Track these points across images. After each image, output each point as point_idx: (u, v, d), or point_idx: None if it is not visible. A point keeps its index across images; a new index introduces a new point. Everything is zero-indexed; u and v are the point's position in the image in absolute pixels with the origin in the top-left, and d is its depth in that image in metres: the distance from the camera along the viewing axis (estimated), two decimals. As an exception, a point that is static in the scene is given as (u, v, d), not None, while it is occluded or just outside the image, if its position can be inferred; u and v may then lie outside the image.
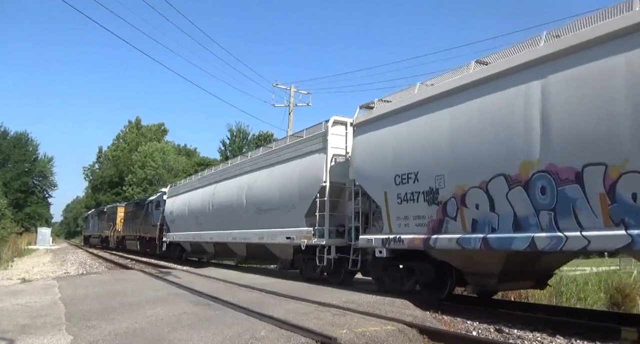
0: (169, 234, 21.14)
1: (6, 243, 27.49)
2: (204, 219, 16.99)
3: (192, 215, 18.24)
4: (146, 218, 26.00)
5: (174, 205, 20.85)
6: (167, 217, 21.43)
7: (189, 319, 5.85)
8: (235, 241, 14.26)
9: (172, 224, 20.91)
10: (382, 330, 5.27)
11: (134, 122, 62.98)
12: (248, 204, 13.36)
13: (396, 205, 8.10)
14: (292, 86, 25.48)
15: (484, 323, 6.49)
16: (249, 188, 13.52)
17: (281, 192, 11.70)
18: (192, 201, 18.57)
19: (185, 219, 19.06)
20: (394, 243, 8.11)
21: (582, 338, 5.55)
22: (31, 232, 49.31)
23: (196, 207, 17.93)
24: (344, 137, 10.48)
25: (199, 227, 17.41)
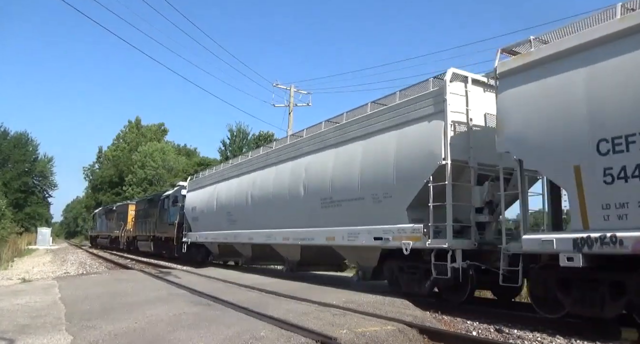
0: (191, 234, 18.16)
1: (6, 243, 27.47)
2: (240, 215, 14.03)
3: (221, 211, 15.30)
4: (161, 216, 23.03)
5: (196, 200, 17.84)
6: (188, 214, 18.49)
7: (189, 319, 5.85)
8: (288, 242, 11.29)
9: (194, 222, 17.96)
10: (382, 330, 5.27)
11: (134, 122, 62.98)
12: (308, 195, 10.59)
13: (601, 186, 5.40)
14: (292, 86, 25.49)
15: (484, 323, 6.48)
16: (309, 174, 10.68)
17: (365, 177, 8.88)
18: (222, 194, 15.57)
19: (212, 215, 16.08)
20: (601, 245, 5.30)
21: (582, 338, 5.55)
22: (31, 232, 49.29)
23: (228, 201, 14.95)
24: (463, 98, 7.80)
25: (231, 226, 14.56)
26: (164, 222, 22.43)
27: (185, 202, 19.00)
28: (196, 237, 17.55)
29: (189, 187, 19.48)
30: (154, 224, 24.17)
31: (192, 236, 17.97)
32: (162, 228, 22.52)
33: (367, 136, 9.20)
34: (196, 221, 17.76)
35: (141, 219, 27.61)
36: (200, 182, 18.35)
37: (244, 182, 14.06)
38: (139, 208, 29.39)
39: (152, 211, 25.30)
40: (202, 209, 17.06)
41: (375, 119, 9.13)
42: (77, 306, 6.95)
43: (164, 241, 22.20)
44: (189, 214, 18.43)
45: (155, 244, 23.96)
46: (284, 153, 12.34)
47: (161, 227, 22.81)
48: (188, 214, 18.52)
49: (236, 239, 14.19)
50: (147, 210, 26.76)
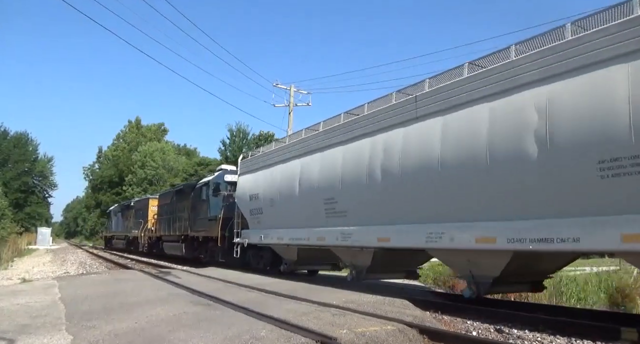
0: (249, 232, 13.33)
1: (6, 243, 27.46)
2: (353, 204, 9.23)
3: (313, 197, 10.28)
4: (197, 210, 18.05)
5: (258, 185, 12.85)
6: (243, 205, 13.74)
7: (189, 319, 5.85)
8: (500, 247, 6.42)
9: (255, 216, 13.08)
10: (382, 330, 5.27)
11: (134, 122, 62.99)
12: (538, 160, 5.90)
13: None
14: (292, 86, 25.47)
15: (484, 323, 6.48)
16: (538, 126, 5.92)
17: None
18: (312, 172, 10.43)
19: (291, 205, 11.21)
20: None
21: (582, 338, 5.55)
22: (31, 232, 49.32)
23: (330, 182, 9.78)
24: None
25: (331, 219, 9.77)
26: (201, 217, 17.47)
27: (238, 189, 14.19)
28: (260, 238, 12.56)
29: (243, 168, 14.23)
30: (186, 220, 19.18)
31: (252, 236, 13.05)
32: (200, 225, 17.47)
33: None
34: (258, 215, 12.80)
35: (166, 216, 22.68)
36: (264, 160, 13.02)
37: (364, 149, 8.91)
38: (163, 202, 24.28)
39: (181, 205, 20.37)
40: (272, 198, 11.99)
41: None
42: (77, 306, 6.95)
43: (202, 242, 17.42)
44: (244, 206, 13.66)
45: (189, 246, 18.95)
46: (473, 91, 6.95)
47: (198, 224, 17.73)
48: (243, 206, 13.74)
49: (345, 241, 9.33)
50: (174, 204, 21.58)
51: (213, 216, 16.10)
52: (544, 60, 6.05)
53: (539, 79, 6.06)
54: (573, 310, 8.29)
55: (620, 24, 5.34)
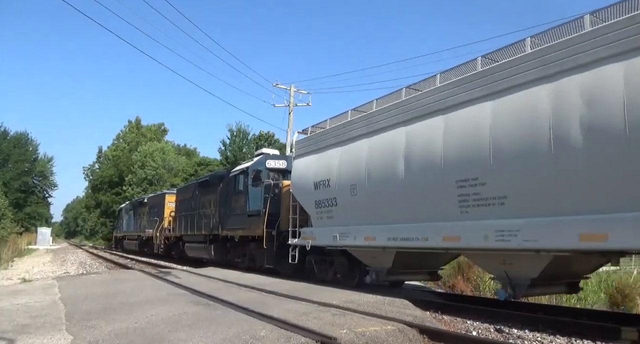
0: (312, 230, 10.58)
1: (6, 243, 27.46)
2: (519, 185, 6.28)
3: (430, 179, 7.49)
4: (229, 204, 14.92)
5: (327, 169, 10.03)
6: (302, 196, 10.90)
7: (189, 319, 5.85)
8: None
9: (321, 209, 10.18)
10: (382, 330, 5.27)
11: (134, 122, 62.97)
12: None
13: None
14: (292, 86, 25.47)
15: (484, 323, 6.49)
16: None
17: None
18: (429, 144, 7.61)
19: (387, 193, 8.40)
20: None
21: (582, 338, 5.55)
22: (31, 232, 49.34)
23: (465, 155, 6.97)
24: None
25: (473, 210, 6.87)
26: (236, 213, 14.33)
27: (295, 176, 11.27)
28: (332, 238, 9.61)
29: (302, 148, 11.30)
30: (214, 217, 16.28)
31: (320, 235, 10.20)
32: (234, 223, 14.39)
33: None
34: (329, 208, 9.94)
35: (187, 212, 19.44)
36: (336, 136, 10.06)
37: (539, 100, 6.10)
38: (181, 198, 21.22)
39: (206, 199, 17.47)
40: (354, 184, 9.12)
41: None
42: (77, 306, 6.95)
43: (238, 244, 14.36)
44: (304, 197, 10.80)
45: (219, 248, 15.76)
46: None
47: (232, 222, 14.59)
48: (303, 197, 10.87)
49: (503, 240, 6.39)
50: (197, 198, 18.60)
51: (254, 211, 13.01)
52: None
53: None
54: (573, 310, 8.30)
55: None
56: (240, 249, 14.43)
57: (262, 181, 13.23)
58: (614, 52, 5.43)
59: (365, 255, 9.35)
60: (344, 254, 9.84)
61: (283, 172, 13.60)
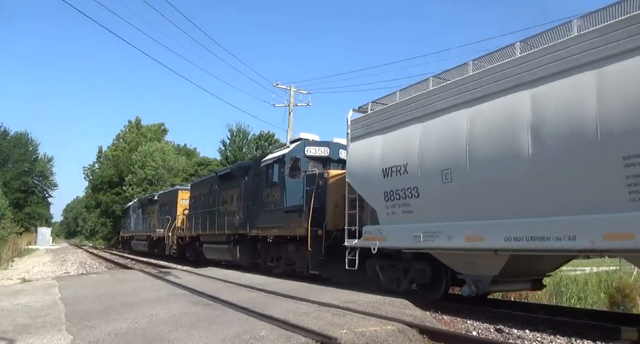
0: (379, 229, 8.61)
1: (6, 243, 27.46)
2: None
3: (577, 157, 5.64)
4: (259, 198, 13.02)
5: (403, 151, 8.12)
6: (364, 187, 9.01)
7: (189, 319, 5.85)
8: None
9: (394, 201, 8.22)
10: (382, 330, 5.27)
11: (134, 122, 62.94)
12: None
13: None
14: (292, 86, 25.45)
15: (484, 323, 6.49)
16: None
17: None
18: (571, 113, 5.75)
19: (505, 177, 6.42)
20: None
21: (582, 338, 5.55)
22: (31, 232, 49.38)
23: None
24: None
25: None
26: (268, 209, 12.40)
27: (351, 163, 9.34)
28: (414, 238, 7.74)
29: (361, 128, 9.35)
30: (238, 214, 14.39)
31: (393, 235, 8.27)
32: (267, 220, 12.42)
33: None
34: (406, 200, 7.98)
35: (204, 209, 17.46)
36: (415, 108, 8.16)
37: None
38: (197, 193, 19.22)
39: (228, 194, 15.56)
40: (447, 168, 7.21)
41: None
42: (77, 306, 6.95)
43: (273, 245, 12.50)
44: (367, 187, 8.89)
45: (247, 249, 13.88)
46: None
47: (263, 219, 12.62)
48: (365, 188, 8.97)
49: None
50: (216, 194, 16.62)
51: (293, 207, 11.18)
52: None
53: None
54: (573, 310, 8.30)
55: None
56: (274, 251, 12.55)
57: (301, 171, 11.54)
58: None
59: (459, 260, 7.36)
60: (425, 258, 7.91)
61: (324, 161, 11.93)
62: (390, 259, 8.78)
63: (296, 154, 11.88)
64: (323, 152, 12.00)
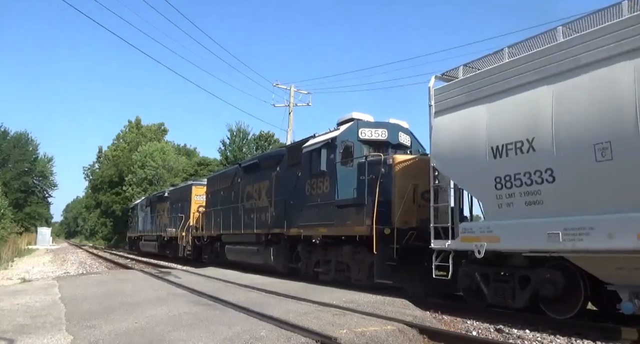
0: (483, 226, 6.85)
1: (6, 243, 27.46)
2: None
3: None
4: (302, 190, 11.02)
5: (531, 119, 6.29)
6: (459, 173, 7.38)
7: (189, 319, 5.85)
8: None
9: (510, 189, 6.46)
10: (382, 330, 5.27)
11: (134, 122, 62.95)
12: None
13: None
14: (292, 86, 25.45)
15: (484, 323, 6.49)
16: None
17: None
18: None
19: None
20: None
21: (582, 338, 5.55)
22: (31, 232, 49.38)
23: None
24: None
25: None
26: (314, 204, 10.50)
27: (439, 142, 7.64)
28: (548, 237, 5.98)
29: (452, 99, 7.61)
30: (271, 211, 12.54)
31: (511, 234, 6.48)
32: (314, 217, 10.41)
33: None
34: (533, 188, 6.26)
35: (226, 206, 15.51)
36: (539, 67, 6.40)
37: None
38: (215, 188, 17.21)
39: (254, 188, 13.86)
40: (599, 142, 5.55)
41: None
42: (77, 306, 6.95)
43: (320, 247, 10.46)
44: (468, 172, 7.19)
45: (283, 252, 11.95)
46: None
47: (309, 216, 10.62)
48: (464, 172, 7.27)
49: None
50: (239, 188, 14.89)
51: (351, 200, 9.40)
52: None
53: None
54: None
55: None
56: (321, 255, 10.57)
57: (353, 155, 9.79)
58: None
59: (613, 266, 5.62)
60: (555, 264, 6.32)
61: (381, 145, 10.05)
62: (495, 266, 6.88)
63: (348, 137, 10.05)
64: (380, 135, 10.13)
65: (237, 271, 13.62)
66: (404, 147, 10.40)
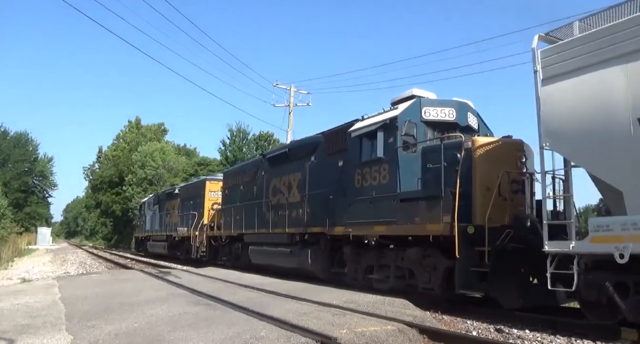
0: (628, 222, 5.19)
1: (6, 243, 27.48)
2: None
3: None
4: (350, 181, 9.27)
5: None
6: (589, 152, 5.72)
7: (189, 319, 5.85)
8: None
9: None
10: (382, 330, 5.27)
11: (134, 122, 62.98)
12: None
13: None
14: (292, 86, 25.45)
15: (484, 323, 6.49)
16: None
17: None
18: None
19: None
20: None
21: (582, 338, 5.55)
22: (31, 232, 49.43)
23: None
24: None
25: None
26: (367, 197, 8.81)
27: (554, 117, 6.09)
28: None
29: (569, 61, 5.92)
30: (304, 207, 10.99)
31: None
32: (368, 213, 8.71)
33: None
34: None
35: (247, 202, 14.02)
36: None
37: None
38: (234, 183, 15.63)
39: (284, 181, 12.20)
40: None
41: None
42: (77, 306, 6.95)
43: (373, 249, 8.77)
44: (599, 154, 5.65)
45: (323, 254, 10.26)
46: None
47: (360, 212, 8.91)
48: (594, 154, 5.70)
49: None
50: (264, 181, 13.24)
51: (421, 193, 7.83)
52: None
53: None
54: (573, 310, 8.28)
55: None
56: (375, 258, 8.77)
57: (417, 142, 8.26)
58: None
59: None
60: None
61: (447, 127, 8.52)
62: (637, 273, 5.31)
63: (410, 116, 8.36)
64: (448, 116, 8.54)
65: (237, 271, 13.61)
66: (472, 130, 8.78)
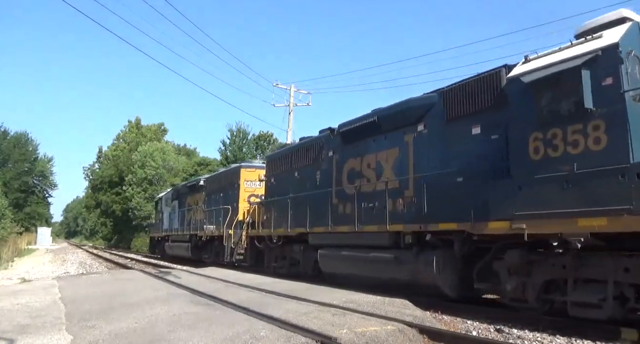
0: None
1: (6, 243, 27.49)
2: None
3: None
4: (525, 153, 5.96)
5: None
6: None
7: (189, 319, 5.85)
8: None
9: None
10: (382, 330, 5.27)
11: (134, 122, 62.97)
12: None
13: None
14: (292, 86, 25.46)
15: (484, 323, 6.48)
16: None
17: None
18: None
19: None
20: None
21: (582, 338, 5.55)
22: (31, 232, 49.46)
23: None
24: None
25: None
26: (558, 177, 5.61)
27: None
28: None
29: None
30: (421, 196, 7.83)
31: None
32: (572, 197, 5.45)
33: None
34: None
35: (309, 192, 11.07)
36: None
37: None
38: (285, 168, 12.70)
39: (371, 161, 9.33)
40: None
41: None
42: (77, 306, 6.95)
43: (570, 258, 5.70)
44: None
45: (454, 261, 7.35)
46: None
47: (542, 197, 5.73)
48: None
49: None
50: (335, 163, 10.37)
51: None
52: None
53: None
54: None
55: None
56: (572, 269, 5.79)
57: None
58: None
59: None
60: None
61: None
62: None
63: (632, 47, 5.57)
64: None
65: (237, 271, 13.61)
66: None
